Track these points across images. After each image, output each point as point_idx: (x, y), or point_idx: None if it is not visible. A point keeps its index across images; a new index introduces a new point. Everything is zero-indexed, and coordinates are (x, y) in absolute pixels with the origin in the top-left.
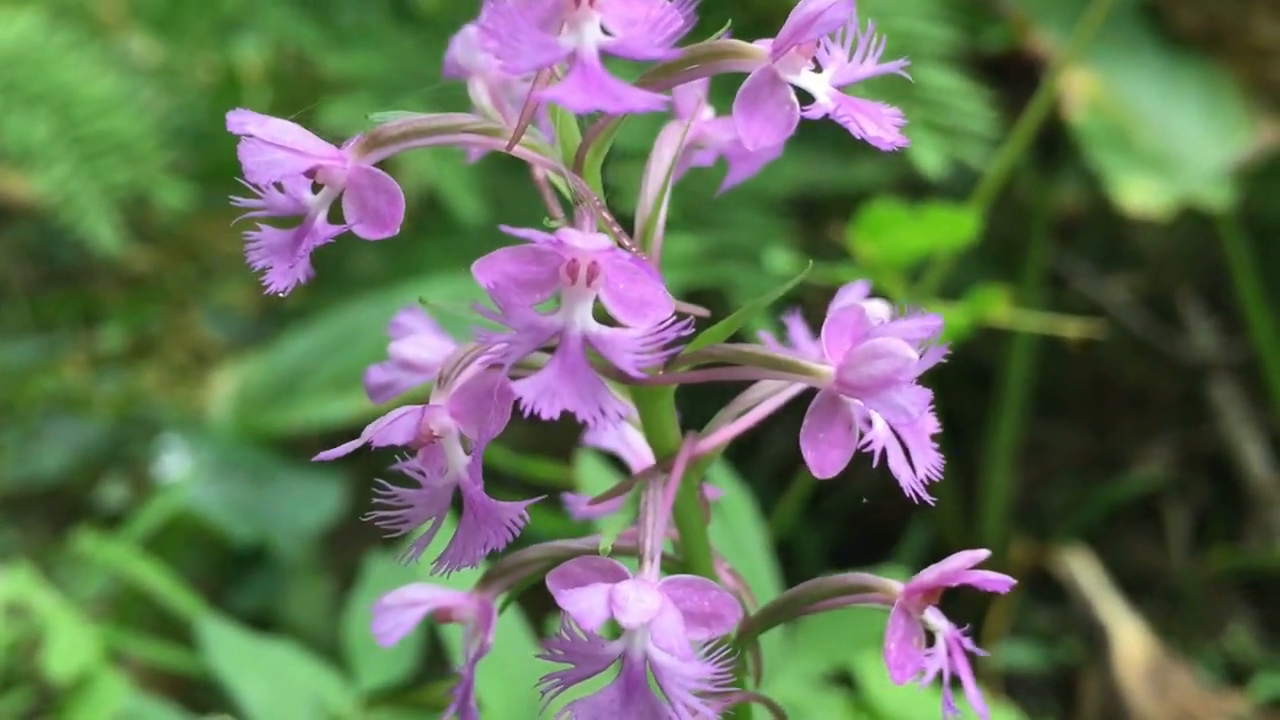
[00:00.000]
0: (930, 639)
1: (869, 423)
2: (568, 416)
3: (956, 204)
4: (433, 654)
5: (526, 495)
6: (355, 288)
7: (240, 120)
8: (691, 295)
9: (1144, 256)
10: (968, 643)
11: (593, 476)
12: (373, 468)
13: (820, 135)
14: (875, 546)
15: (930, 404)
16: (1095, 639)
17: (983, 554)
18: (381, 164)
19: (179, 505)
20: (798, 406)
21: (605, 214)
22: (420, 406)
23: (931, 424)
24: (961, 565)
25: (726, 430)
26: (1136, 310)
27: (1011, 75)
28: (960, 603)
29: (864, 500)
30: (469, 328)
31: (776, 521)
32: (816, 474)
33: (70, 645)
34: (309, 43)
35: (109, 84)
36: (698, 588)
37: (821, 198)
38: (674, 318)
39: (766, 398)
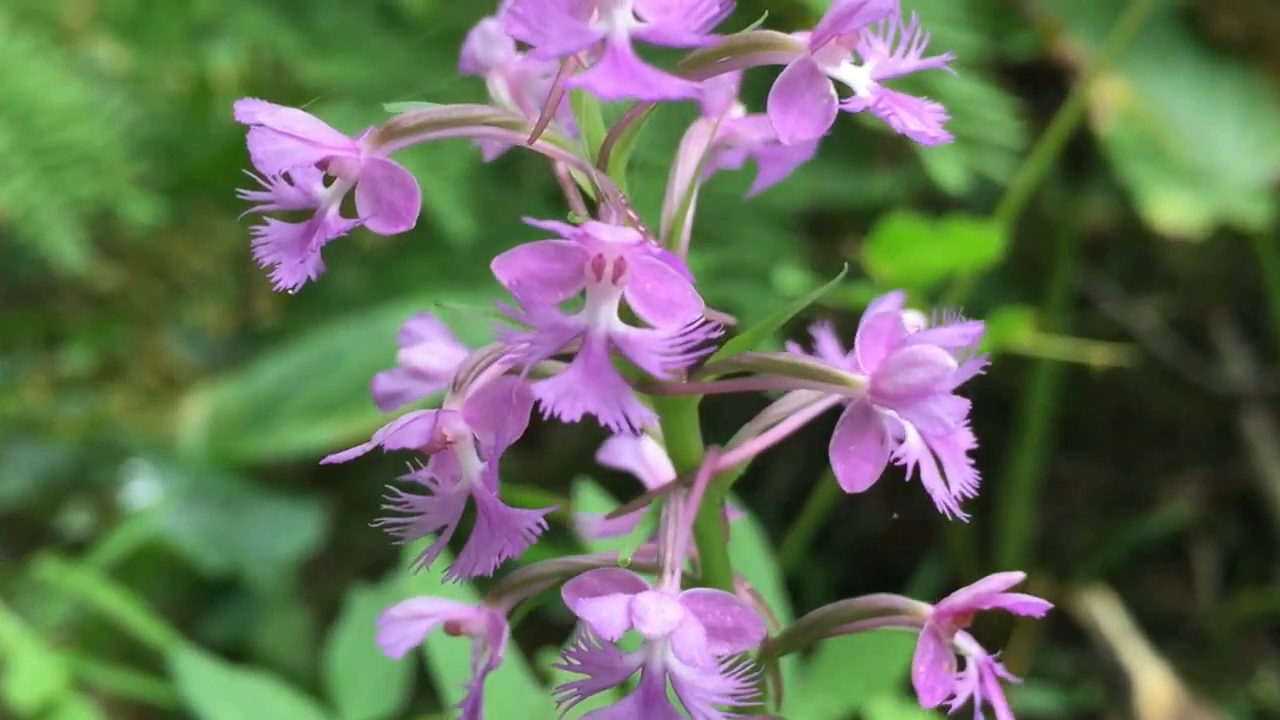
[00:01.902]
0: (961, 664)
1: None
2: (570, 433)
3: (978, 220)
4: (420, 687)
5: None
6: (336, 308)
7: (250, 109)
8: None
9: (1175, 277)
10: (999, 669)
11: (593, 509)
12: (351, 496)
13: (832, 146)
14: (885, 584)
15: (968, 417)
16: (1117, 684)
17: (1017, 576)
18: None
19: (148, 532)
20: (807, 435)
21: (631, 212)
22: (434, 411)
23: (967, 439)
24: (995, 588)
25: (751, 445)
26: (1166, 335)
27: (1039, 83)
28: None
29: (894, 515)
30: (490, 330)
31: (782, 556)
32: (846, 488)
33: (33, 673)
34: (287, 49)
35: (73, 92)
36: (720, 601)
37: (834, 212)
38: (703, 320)
39: (793, 412)
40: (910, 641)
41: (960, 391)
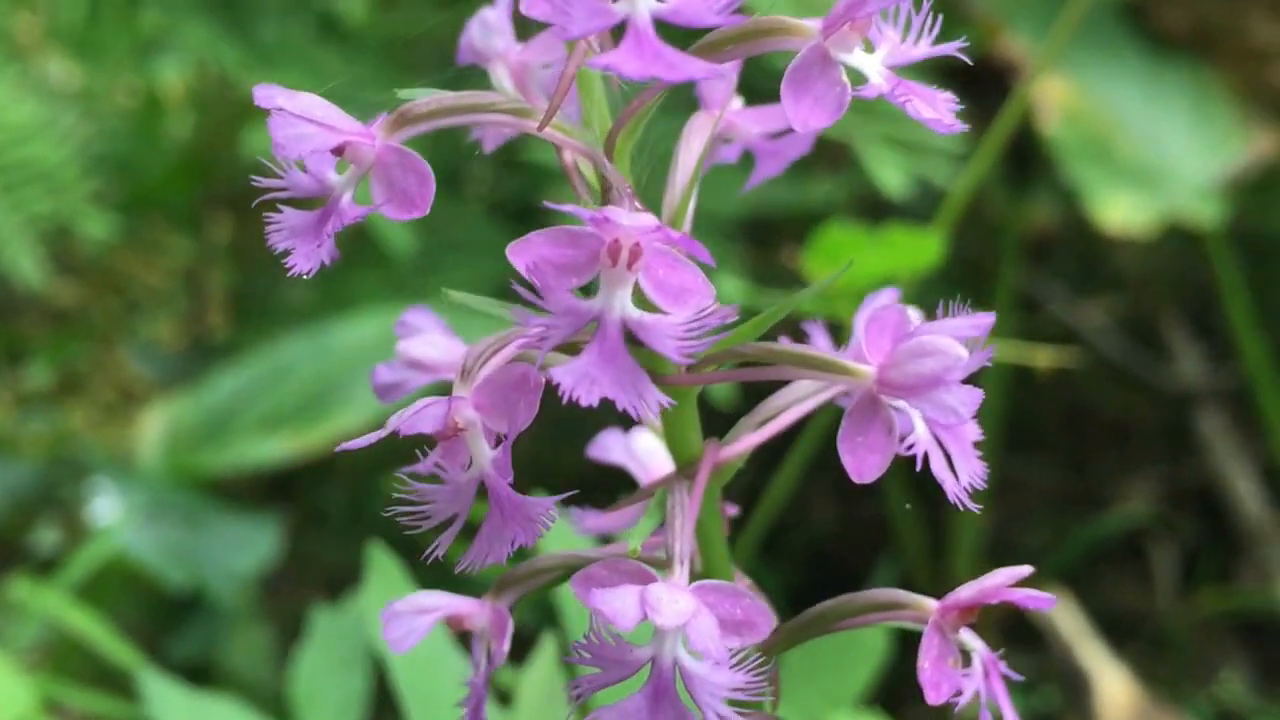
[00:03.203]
0: (966, 659)
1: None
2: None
3: (921, 224)
4: (382, 704)
5: None
6: (284, 321)
7: (268, 94)
8: None
9: (1124, 277)
10: (1003, 666)
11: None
12: (307, 509)
13: None
14: (839, 587)
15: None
16: (1076, 686)
17: (1024, 571)
18: None
19: (111, 551)
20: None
21: (637, 201)
22: (446, 398)
23: (974, 431)
24: (1002, 582)
25: (751, 438)
26: (1116, 335)
27: (981, 84)
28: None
29: (906, 505)
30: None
31: (734, 556)
32: (855, 479)
33: (6, 695)
34: (231, 63)
35: (28, 110)
36: (729, 594)
37: (774, 219)
38: (715, 305)
39: (791, 405)
40: (870, 654)
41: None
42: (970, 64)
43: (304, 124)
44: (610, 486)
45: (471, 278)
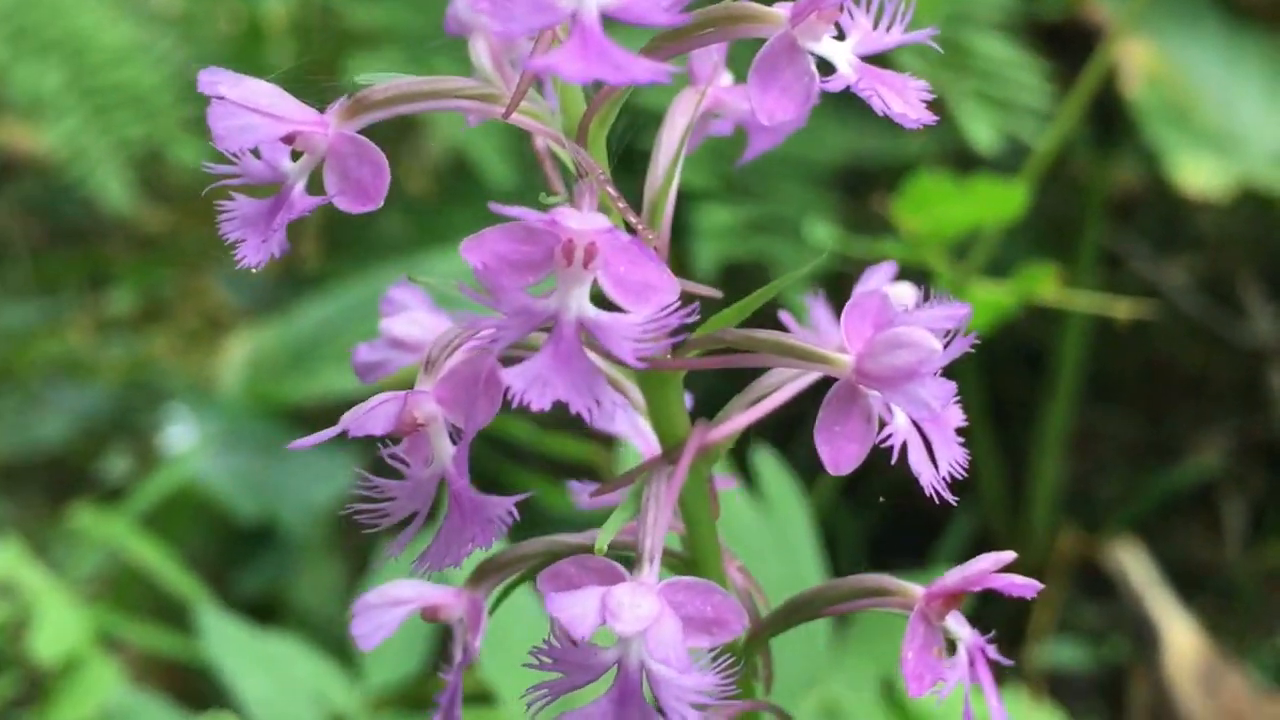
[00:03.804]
0: (952, 647)
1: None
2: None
3: (1007, 179)
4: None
5: (550, 475)
6: (379, 254)
7: (212, 80)
8: (731, 269)
9: (1203, 238)
10: (992, 651)
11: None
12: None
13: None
14: (918, 536)
15: (956, 397)
16: (1145, 637)
17: (1008, 556)
18: (410, 120)
19: (183, 479)
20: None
21: (610, 189)
22: (404, 393)
23: (956, 417)
24: (986, 568)
25: (739, 418)
26: (1194, 294)
27: (1070, 45)
28: (1002, 598)
29: (880, 499)
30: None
31: (813, 506)
32: (831, 470)
33: (58, 628)
34: None
35: (125, 32)
36: (700, 591)
37: (869, 169)
38: (679, 302)
39: (784, 384)
40: None
41: (991, 344)
42: (1055, 24)
43: (247, 114)
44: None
45: None
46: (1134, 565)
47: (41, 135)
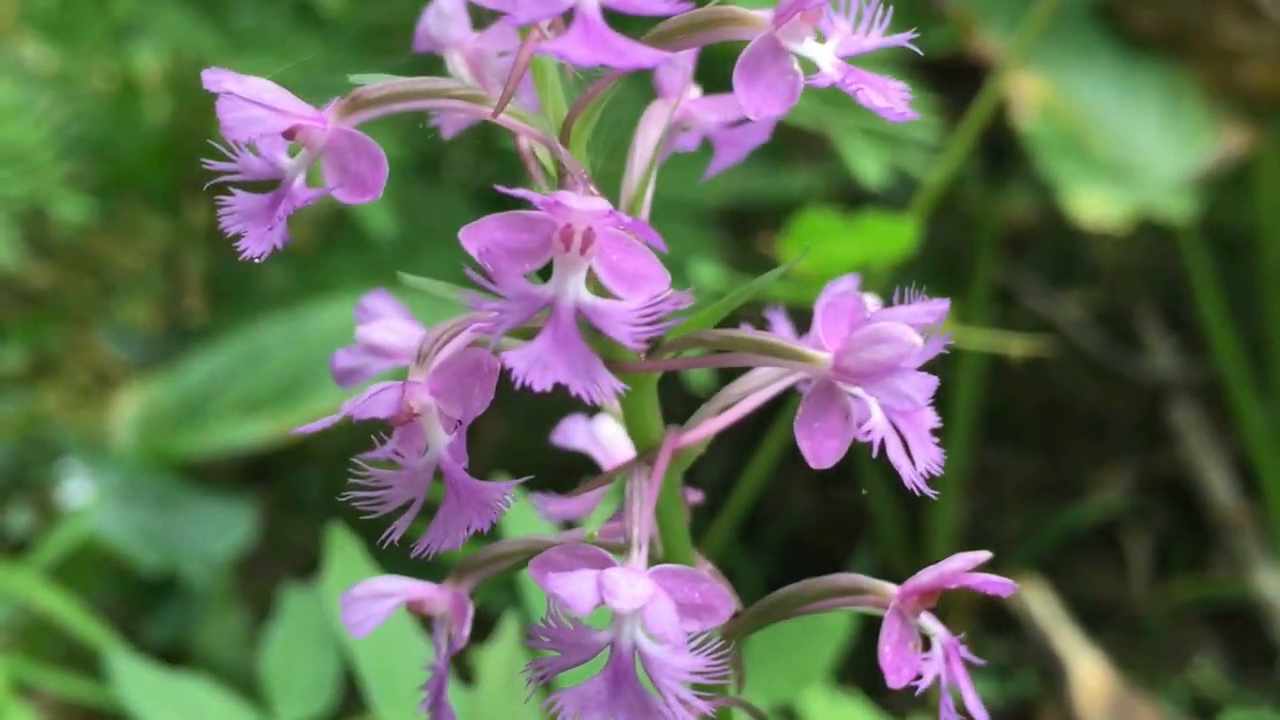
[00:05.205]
0: (926, 644)
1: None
2: (499, 424)
3: (896, 214)
4: (353, 686)
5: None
6: (262, 305)
7: (217, 77)
8: None
9: (1099, 271)
10: (964, 650)
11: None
12: (283, 493)
13: None
14: (815, 576)
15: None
16: (1052, 672)
17: (982, 556)
18: None
19: (83, 533)
20: (735, 425)
21: (593, 187)
22: (401, 383)
23: (931, 418)
24: (961, 567)
25: (711, 424)
26: (1091, 328)
27: (956, 80)
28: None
29: (863, 492)
30: (449, 310)
31: (710, 547)
32: (813, 464)
33: None
34: (207, 48)
35: (3, 91)
36: (688, 578)
37: (753, 208)
38: (669, 292)
39: (752, 391)
40: (833, 633)
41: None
42: (942, 59)
43: (253, 107)
44: (582, 473)
45: (450, 263)
46: (1039, 602)
47: None
